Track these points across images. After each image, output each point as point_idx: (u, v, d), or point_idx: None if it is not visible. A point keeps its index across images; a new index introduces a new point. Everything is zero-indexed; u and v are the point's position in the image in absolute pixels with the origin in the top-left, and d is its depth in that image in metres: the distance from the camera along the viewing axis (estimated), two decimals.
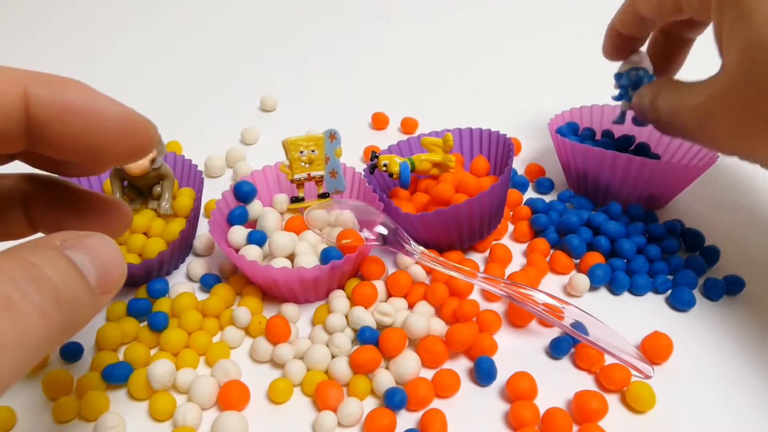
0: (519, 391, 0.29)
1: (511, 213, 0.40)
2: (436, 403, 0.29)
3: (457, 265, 0.32)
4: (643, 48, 0.39)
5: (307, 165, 0.36)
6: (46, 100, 0.18)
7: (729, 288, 0.35)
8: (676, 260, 0.36)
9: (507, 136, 0.39)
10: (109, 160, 0.20)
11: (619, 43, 0.38)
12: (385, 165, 0.37)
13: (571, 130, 0.42)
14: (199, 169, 0.38)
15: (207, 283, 0.35)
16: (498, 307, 0.34)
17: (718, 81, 0.29)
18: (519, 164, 0.45)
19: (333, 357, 0.31)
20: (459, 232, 0.35)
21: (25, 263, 0.16)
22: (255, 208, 0.36)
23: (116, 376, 0.30)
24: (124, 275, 0.18)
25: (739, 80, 0.27)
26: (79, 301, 0.17)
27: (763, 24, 0.26)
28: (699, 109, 0.30)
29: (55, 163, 0.21)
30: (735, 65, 0.27)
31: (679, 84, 0.32)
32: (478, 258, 0.38)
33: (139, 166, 0.33)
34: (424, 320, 0.31)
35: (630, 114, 0.39)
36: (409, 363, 0.30)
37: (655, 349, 0.31)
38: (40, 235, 0.22)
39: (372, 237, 0.34)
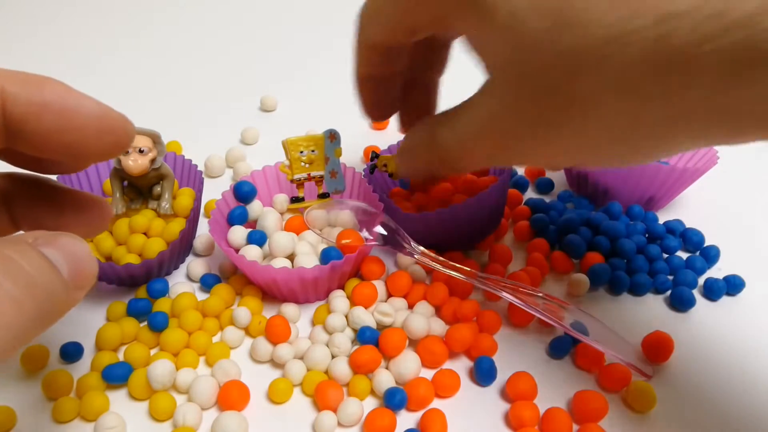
0: (519, 391, 0.29)
1: (512, 213, 0.40)
2: (436, 403, 0.29)
3: (457, 265, 0.32)
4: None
5: (307, 165, 0.36)
6: (23, 98, 0.18)
7: (729, 288, 0.35)
8: (676, 260, 0.36)
9: None
10: (87, 156, 0.20)
11: (374, 90, 0.32)
12: (385, 165, 0.37)
13: None
14: (199, 169, 0.38)
15: (207, 283, 0.35)
16: (498, 307, 0.34)
17: (493, 95, 0.23)
18: None
19: (333, 357, 0.31)
20: (458, 232, 0.35)
21: None
22: (255, 208, 0.36)
23: (116, 376, 0.30)
24: (95, 272, 0.19)
25: (513, 92, 0.22)
26: (53, 292, 0.17)
27: (511, 21, 0.21)
28: (487, 129, 0.24)
29: (36, 160, 0.22)
30: (501, 76, 0.23)
31: (452, 112, 0.26)
32: (478, 258, 0.38)
33: (139, 166, 0.33)
34: (424, 320, 0.31)
35: None
36: (409, 363, 0.30)
37: (655, 349, 0.31)
38: (21, 233, 0.22)
39: (372, 237, 0.34)
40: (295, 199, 0.37)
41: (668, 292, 0.35)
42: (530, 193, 0.43)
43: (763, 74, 0.17)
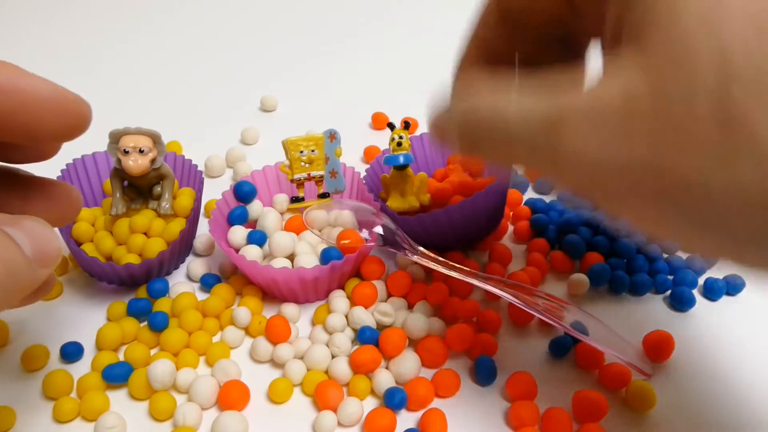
0: (519, 391, 0.29)
1: (511, 213, 0.40)
2: (436, 403, 0.29)
3: (457, 265, 0.32)
4: None
5: (307, 165, 0.36)
6: None
7: (729, 288, 0.35)
8: (676, 260, 0.36)
9: None
10: (45, 138, 0.20)
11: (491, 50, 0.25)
12: (399, 144, 0.35)
13: None
14: (199, 169, 0.38)
15: (207, 283, 0.35)
16: (498, 307, 0.34)
17: (617, 87, 0.17)
18: None
19: (333, 357, 0.31)
20: (455, 233, 0.35)
21: None
22: (255, 208, 0.37)
23: (116, 376, 0.30)
24: (59, 252, 0.19)
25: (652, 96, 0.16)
26: (15, 268, 0.17)
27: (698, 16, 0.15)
28: (587, 121, 0.17)
29: (0, 149, 0.22)
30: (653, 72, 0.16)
31: (538, 81, 0.19)
32: (478, 258, 0.38)
33: (139, 166, 0.33)
34: (424, 320, 0.31)
35: None
36: (409, 363, 0.30)
37: (655, 348, 0.31)
38: None
39: (371, 237, 0.34)
40: (295, 199, 0.37)
41: (668, 292, 0.35)
42: (530, 193, 0.43)
43: None
